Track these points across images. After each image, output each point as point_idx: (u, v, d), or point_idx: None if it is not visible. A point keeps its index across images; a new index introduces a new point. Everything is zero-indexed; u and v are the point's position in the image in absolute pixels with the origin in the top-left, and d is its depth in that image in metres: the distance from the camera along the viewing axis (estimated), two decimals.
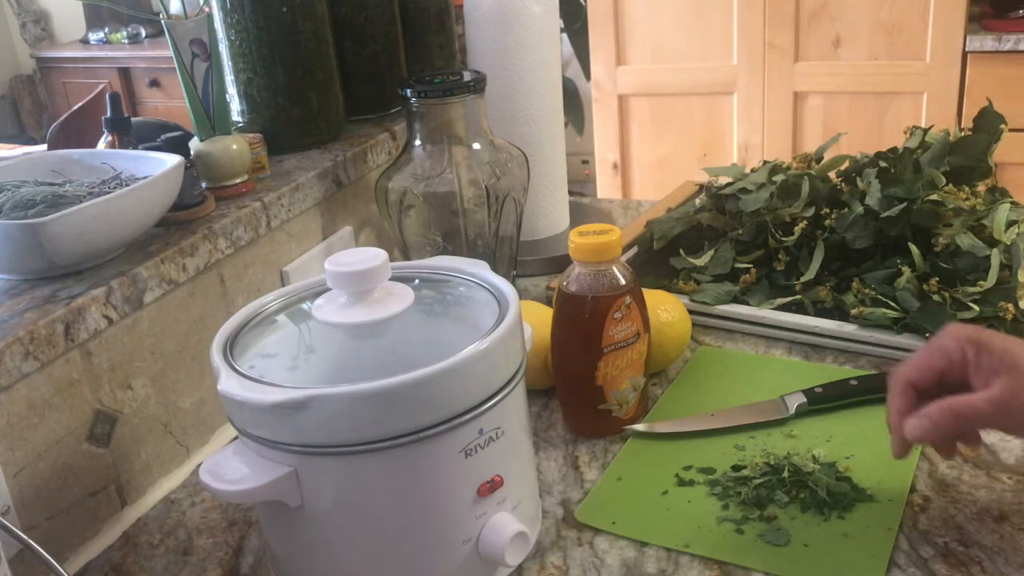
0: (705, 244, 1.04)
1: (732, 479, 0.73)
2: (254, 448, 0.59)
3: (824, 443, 0.76)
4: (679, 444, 0.78)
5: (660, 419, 0.81)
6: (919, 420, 0.60)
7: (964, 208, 0.93)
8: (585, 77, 2.77)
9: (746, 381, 0.86)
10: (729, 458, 0.75)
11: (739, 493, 0.71)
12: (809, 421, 0.79)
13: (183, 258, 0.81)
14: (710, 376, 0.88)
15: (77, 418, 0.72)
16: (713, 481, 0.73)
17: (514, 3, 1.06)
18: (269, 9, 0.99)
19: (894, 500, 0.69)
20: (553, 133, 1.15)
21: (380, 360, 0.64)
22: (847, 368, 0.88)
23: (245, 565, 0.70)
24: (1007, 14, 2.15)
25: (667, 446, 0.78)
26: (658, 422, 0.82)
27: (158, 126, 1.11)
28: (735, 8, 2.26)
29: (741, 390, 0.85)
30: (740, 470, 0.73)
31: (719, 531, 0.68)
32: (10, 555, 0.65)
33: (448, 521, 0.60)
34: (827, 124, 2.28)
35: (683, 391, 0.86)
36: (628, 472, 0.75)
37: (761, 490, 0.71)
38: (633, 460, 0.77)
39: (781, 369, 0.89)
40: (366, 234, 1.11)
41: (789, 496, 0.70)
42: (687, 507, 0.71)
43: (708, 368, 0.89)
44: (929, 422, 0.60)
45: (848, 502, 0.69)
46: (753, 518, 0.68)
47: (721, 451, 0.76)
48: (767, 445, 0.76)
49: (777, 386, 0.83)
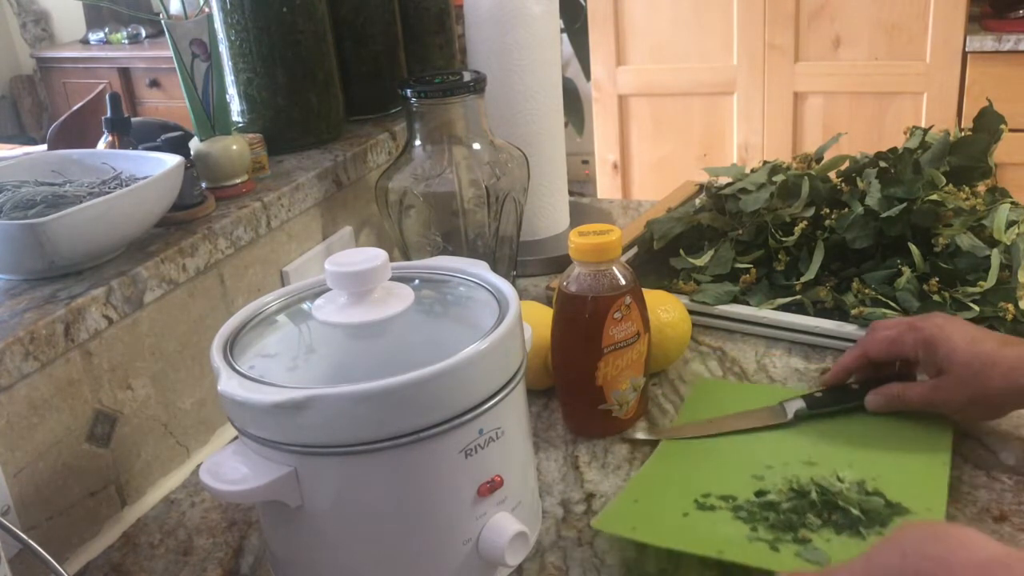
0: (705, 244, 1.04)
1: (757, 504, 0.67)
2: (254, 448, 0.59)
3: (847, 467, 0.71)
4: (693, 473, 0.73)
5: (667, 458, 0.76)
6: (876, 396, 0.78)
7: (964, 208, 0.93)
8: (585, 77, 2.77)
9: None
10: (748, 486, 0.70)
11: (767, 518, 0.66)
12: (827, 447, 0.75)
13: (183, 258, 0.81)
14: (711, 410, 0.82)
15: (77, 418, 0.72)
16: (736, 507, 0.68)
17: (514, 3, 1.06)
18: (269, 9, 0.99)
19: (933, 510, 0.65)
20: (553, 133, 1.15)
21: (380, 360, 0.64)
22: None
23: (245, 565, 0.70)
24: (1007, 14, 2.15)
25: (680, 475, 0.73)
26: (655, 430, 0.82)
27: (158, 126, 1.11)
28: (735, 8, 2.26)
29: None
30: (764, 495, 0.69)
31: (751, 547, 0.63)
32: (10, 555, 0.65)
33: (448, 521, 0.60)
34: (827, 124, 2.28)
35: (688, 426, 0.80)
36: (644, 495, 0.70)
37: (791, 515, 0.66)
38: (647, 486, 0.72)
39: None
40: (366, 234, 1.11)
41: (821, 519, 0.65)
42: (713, 527, 0.66)
43: (708, 400, 0.84)
44: (884, 400, 0.77)
45: (884, 518, 0.65)
46: (787, 540, 0.64)
47: (739, 480, 0.71)
48: (787, 474, 0.71)
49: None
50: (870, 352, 0.79)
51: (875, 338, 0.79)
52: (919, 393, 0.75)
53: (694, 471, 0.73)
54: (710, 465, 0.74)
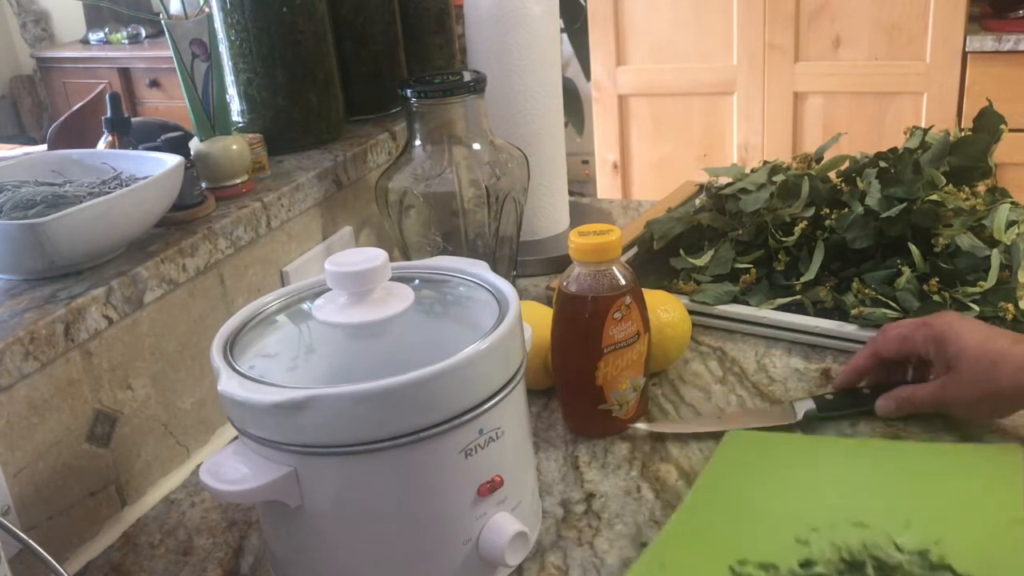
0: (705, 244, 1.04)
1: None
2: (254, 448, 0.59)
3: (904, 528, 0.63)
4: (727, 532, 0.66)
5: (698, 511, 0.69)
6: (887, 401, 0.78)
7: (964, 208, 0.93)
8: (585, 77, 2.77)
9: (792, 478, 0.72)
10: (792, 553, 0.62)
11: None
12: (879, 500, 0.67)
13: (183, 258, 0.81)
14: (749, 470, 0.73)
15: (77, 418, 0.72)
16: None
17: (514, 3, 1.06)
18: (269, 9, 0.99)
19: None
20: (553, 133, 1.15)
21: (380, 360, 0.64)
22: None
23: (245, 565, 0.70)
24: (1007, 14, 2.15)
25: (713, 534, 0.66)
26: (659, 423, 0.82)
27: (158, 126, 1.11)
28: (735, 8, 2.26)
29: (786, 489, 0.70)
30: (811, 566, 0.61)
31: None
32: (10, 555, 0.65)
33: (448, 521, 0.60)
34: (827, 124, 2.28)
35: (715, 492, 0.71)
36: (672, 559, 0.63)
37: None
38: (675, 545, 0.65)
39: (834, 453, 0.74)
40: (366, 234, 1.11)
41: None
42: None
43: (745, 454, 0.75)
44: (895, 404, 0.77)
45: None
46: None
47: (780, 544, 0.63)
48: (835, 537, 0.63)
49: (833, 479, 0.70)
50: (881, 351, 0.79)
51: (886, 337, 0.79)
52: (929, 392, 0.75)
53: (728, 529, 0.66)
54: (746, 522, 0.67)
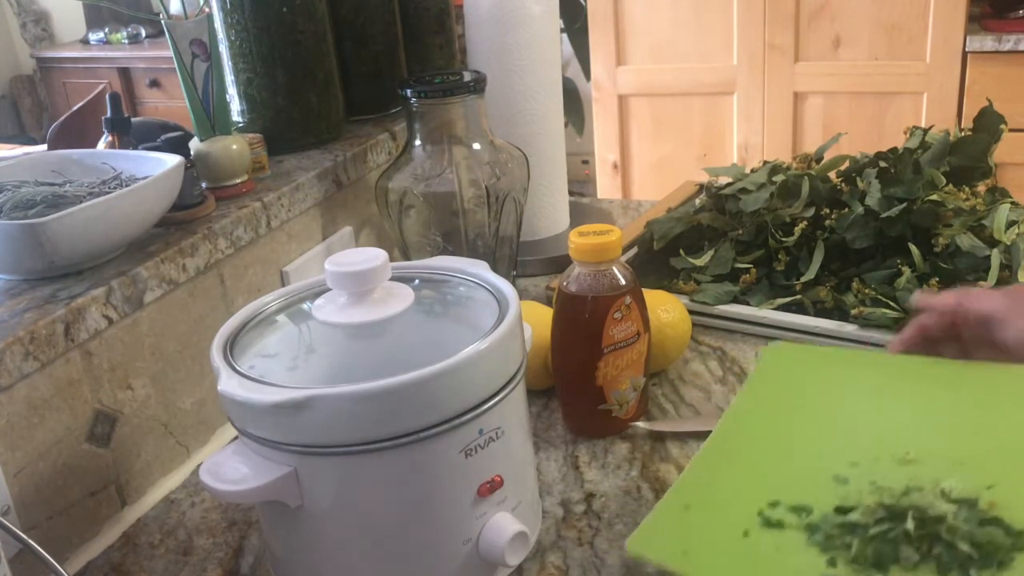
0: (705, 244, 1.04)
1: (837, 526, 0.55)
2: (254, 448, 0.59)
3: (956, 469, 0.56)
4: (758, 469, 0.61)
5: (730, 439, 0.65)
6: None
7: (964, 208, 0.94)
8: (585, 77, 2.77)
9: (833, 388, 0.68)
10: (828, 494, 0.57)
11: (848, 546, 0.53)
12: (931, 430, 0.62)
13: (183, 258, 0.81)
14: (790, 384, 0.69)
15: (77, 418, 0.72)
16: (812, 526, 0.55)
17: (514, 3, 1.06)
18: (269, 9, 0.99)
19: None
20: (553, 133, 1.15)
21: (380, 360, 0.64)
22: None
23: (245, 565, 0.70)
24: (1007, 14, 2.15)
25: (743, 471, 0.61)
26: (659, 422, 0.82)
27: (158, 126, 1.11)
28: (735, 8, 2.26)
29: (829, 401, 0.66)
30: (847, 513, 0.56)
31: None
32: (10, 555, 0.65)
33: (448, 521, 0.60)
34: (827, 124, 2.28)
35: (755, 403, 0.67)
36: (697, 500, 0.59)
37: (880, 544, 0.53)
38: (702, 486, 0.60)
39: (876, 370, 0.70)
40: (366, 234, 1.11)
41: (919, 553, 0.52)
42: (778, 556, 0.54)
43: (786, 373, 0.71)
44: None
45: (1003, 554, 0.51)
46: None
47: (816, 482, 0.58)
48: (876, 476, 0.58)
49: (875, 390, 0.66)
50: (925, 324, 0.71)
51: (929, 315, 0.71)
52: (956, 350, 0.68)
53: (761, 463, 0.61)
54: (781, 455, 0.61)
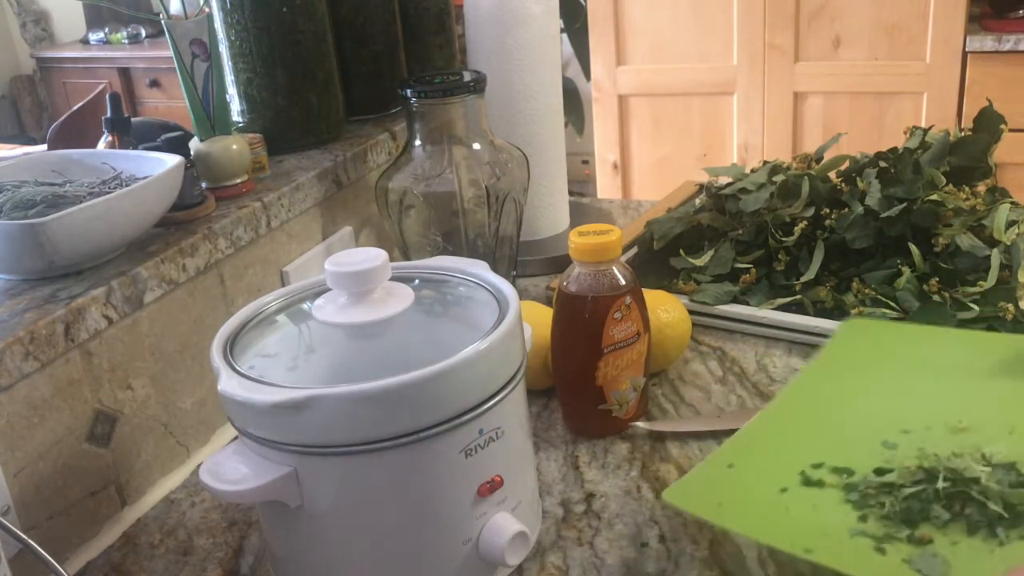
0: (705, 244, 1.04)
1: (875, 486, 0.56)
2: (254, 448, 0.59)
3: (1006, 435, 0.56)
4: (808, 434, 0.61)
5: (792, 403, 0.65)
6: None
7: (964, 208, 0.94)
8: (585, 77, 2.77)
9: (908, 362, 0.66)
10: (874, 458, 0.58)
11: (882, 504, 0.54)
12: (992, 399, 0.60)
13: (183, 258, 0.81)
14: (863, 356, 0.68)
15: (77, 418, 0.72)
16: (850, 485, 0.56)
17: (514, 3, 1.06)
18: (269, 9, 0.99)
19: None
20: (553, 133, 1.15)
21: (380, 360, 0.64)
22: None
23: (245, 565, 0.70)
24: (1007, 14, 2.15)
25: (793, 435, 0.62)
26: (659, 422, 0.82)
27: (158, 126, 1.11)
28: (735, 8, 2.26)
29: (900, 374, 0.65)
30: (885, 473, 0.56)
31: (851, 544, 0.52)
32: (10, 555, 0.65)
33: (448, 521, 0.60)
34: (827, 124, 2.28)
35: (827, 374, 0.67)
36: (741, 460, 0.60)
37: (912, 502, 0.54)
38: (749, 447, 0.61)
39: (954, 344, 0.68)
40: (366, 234, 1.11)
41: (950, 512, 0.53)
42: (811, 512, 0.55)
43: (855, 346, 0.70)
44: None
45: None
46: (900, 538, 0.52)
47: (864, 447, 0.59)
48: (925, 443, 0.58)
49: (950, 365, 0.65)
50: None
51: None
52: None
53: (815, 429, 0.61)
54: (836, 422, 0.61)
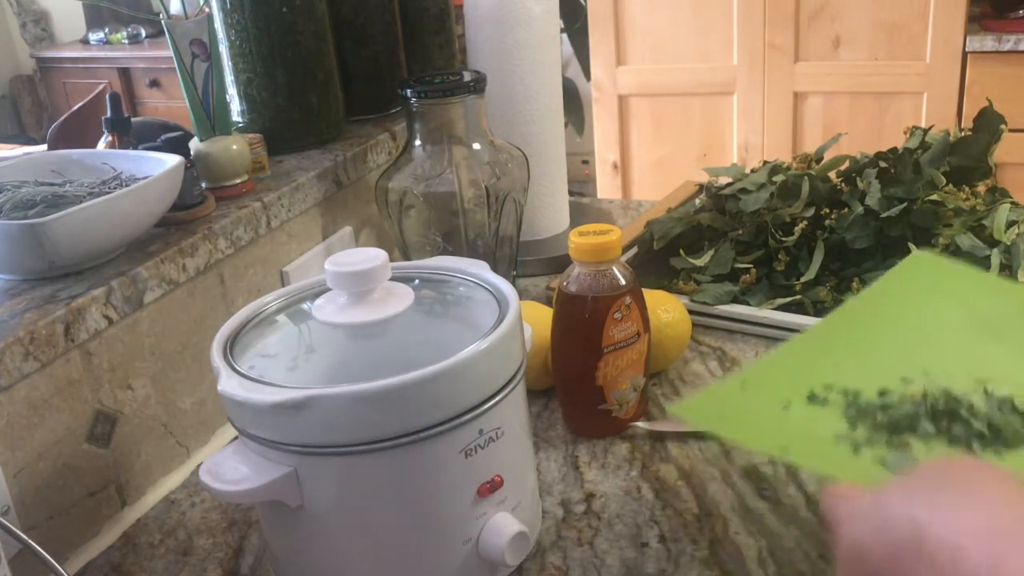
0: (705, 244, 1.04)
1: (876, 406, 0.56)
2: (254, 448, 0.59)
3: (1019, 385, 0.55)
4: (828, 360, 0.60)
5: (821, 336, 0.64)
6: None
7: (964, 208, 0.94)
8: (585, 77, 2.77)
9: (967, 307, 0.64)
10: (887, 384, 0.58)
11: (874, 416, 0.55)
12: (1011, 362, 0.59)
13: (183, 258, 0.81)
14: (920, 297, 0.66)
15: (77, 418, 0.72)
16: (852, 404, 0.57)
17: (514, 3, 1.06)
18: (269, 9, 0.99)
19: None
20: (553, 133, 1.15)
21: (380, 360, 0.64)
22: None
23: (245, 565, 0.70)
24: (1007, 14, 2.15)
25: (812, 360, 0.61)
26: (659, 422, 0.82)
27: (158, 126, 1.11)
28: (735, 8, 2.26)
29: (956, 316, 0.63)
30: (886, 395, 0.57)
31: (830, 448, 0.53)
32: (10, 555, 0.65)
33: (448, 521, 0.60)
34: (827, 124, 2.28)
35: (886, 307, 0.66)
36: (755, 380, 0.60)
37: (902, 414, 0.54)
38: (769, 369, 0.61)
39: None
40: (366, 234, 1.11)
41: (936, 427, 0.53)
42: (805, 423, 0.55)
43: (911, 284, 0.67)
44: None
45: (1014, 438, 0.52)
46: (879, 442, 0.52)
47: (879, 377, 0.59)
48: (940, 383, 0.57)
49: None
50: None
51: None
52: None
53: (835, 357, 0.61)
54: (860, 353, 0.61)
